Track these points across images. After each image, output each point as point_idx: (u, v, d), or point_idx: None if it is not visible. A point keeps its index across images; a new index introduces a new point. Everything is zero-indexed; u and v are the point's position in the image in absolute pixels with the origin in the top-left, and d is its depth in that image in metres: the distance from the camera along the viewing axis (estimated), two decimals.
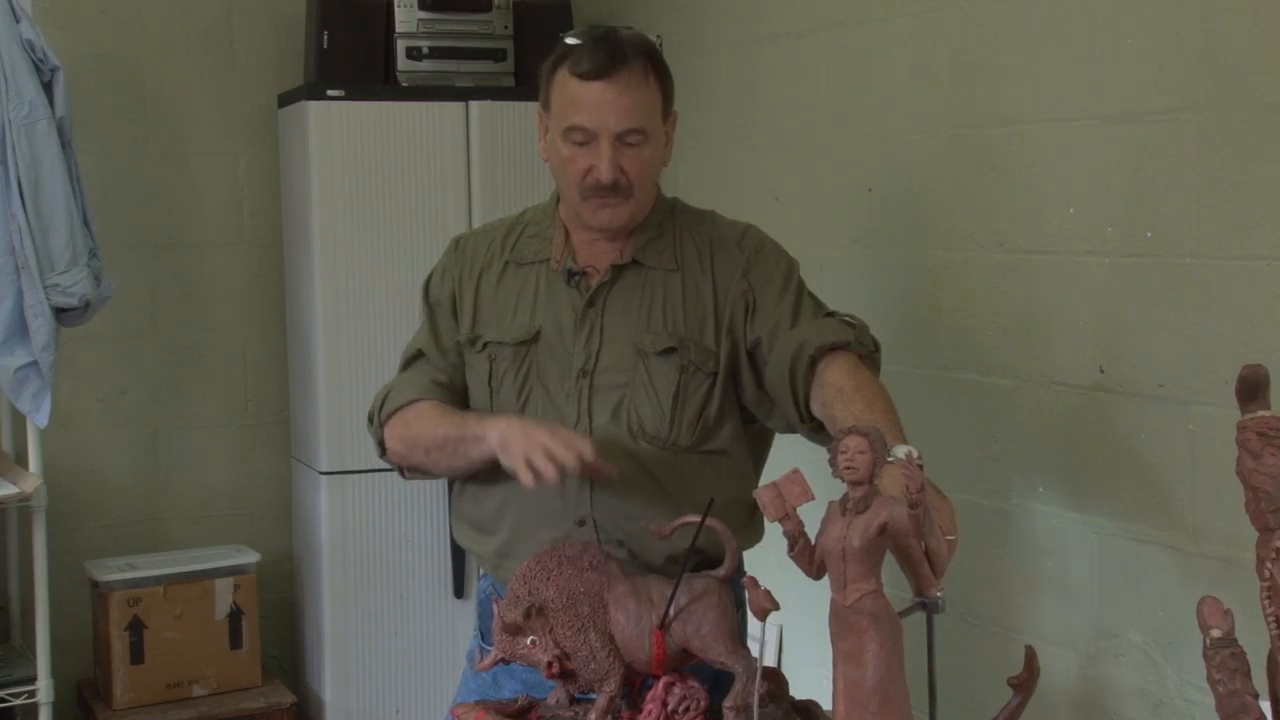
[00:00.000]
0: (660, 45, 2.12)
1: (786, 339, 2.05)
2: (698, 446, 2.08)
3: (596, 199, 2.06)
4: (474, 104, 3.75)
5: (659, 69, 2.09)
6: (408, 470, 2.21)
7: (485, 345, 2.15)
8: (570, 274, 2.12)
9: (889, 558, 1.68)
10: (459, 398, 2.18)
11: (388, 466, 2.25)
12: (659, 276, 2.12)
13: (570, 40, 2.08)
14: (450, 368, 2.19)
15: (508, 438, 1.94)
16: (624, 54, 2.04)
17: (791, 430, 2.11)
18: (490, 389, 2.13)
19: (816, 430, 2.02)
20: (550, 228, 2.18)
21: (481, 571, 2.26)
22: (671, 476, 2.06)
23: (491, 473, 2.06)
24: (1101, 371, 2.36)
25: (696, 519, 1.84)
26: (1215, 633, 1.45)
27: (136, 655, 3.58)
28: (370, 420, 2.22)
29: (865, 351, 2.05)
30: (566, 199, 2.13)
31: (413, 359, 2.24)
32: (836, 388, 1.96)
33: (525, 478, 1.88)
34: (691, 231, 2.17)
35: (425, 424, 2.12)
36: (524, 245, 2.19)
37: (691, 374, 2.08)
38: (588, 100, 2.03)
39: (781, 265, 2.15)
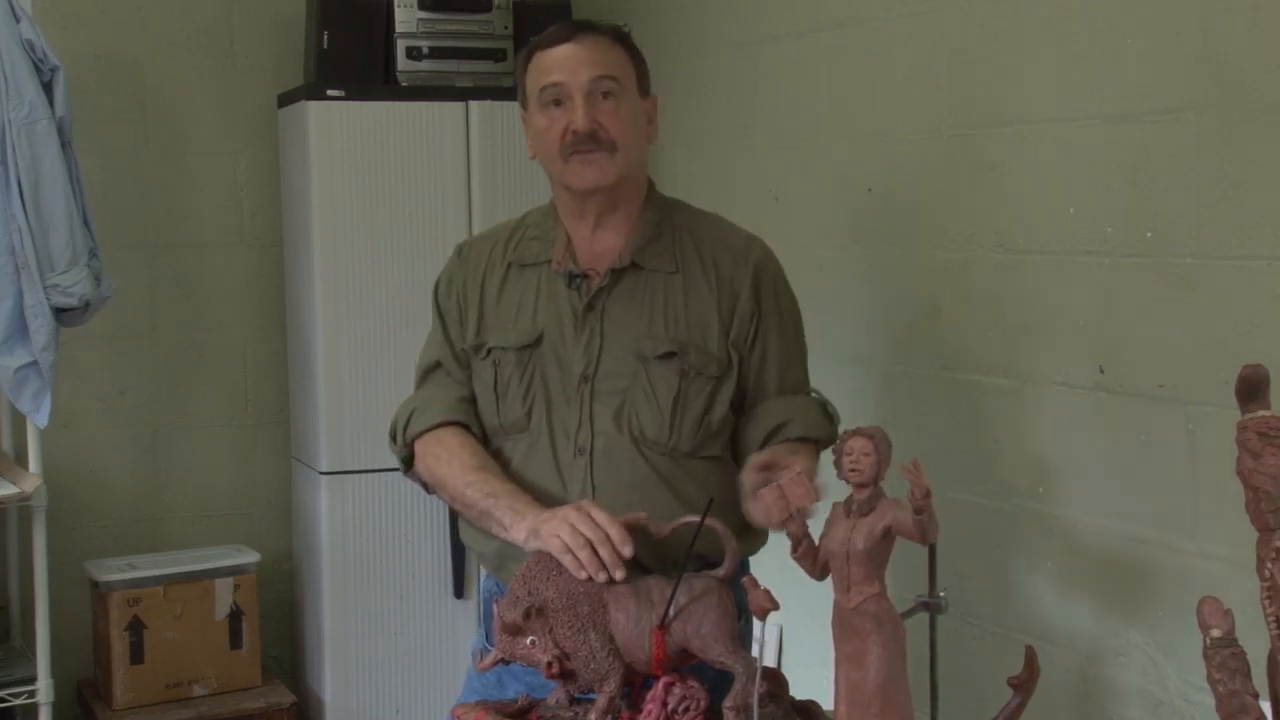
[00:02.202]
0: (628, 31, 2.18)
1: (774, 406, 2.14)
2: (698, 452, 2.09)
3: (578, 156, 2.07)
4: (474, 104, 3.75)
5: (628, 44, 2.15)
6: (430, 488, 2.21)
7: (490, 351, 2.14)
8: (571, 276, 2.12)
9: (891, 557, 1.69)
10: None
11: (388, 466, 2.25)
12: (659, 279, 2.12)
13: (536, 39, 2.15)
14: (468, 378, 2.19)
15: (541, 535, 1.92)
16: (589, 25, 2.13)
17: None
18: (496, 394, 2.13)
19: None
20: (552, 229, 2.17)
21: (484, 571, 2.26)
22: (673, 482, 2.06)
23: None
24: (1101, 371, 2.36)
25: (696, 519, 1.84)
26: (1215, 633, 1.46)
27: (136, 655, 3.58)
28: (393, 438, 2.21)
29: (824, 447, 2.13)
30: (554, 175, 2.14)
31: (431, 370, 2.22)
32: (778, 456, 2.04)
33: (575, 570, 1.86)
34: (691, 231, 2.17)
35: (456, 471, 2.09)
36: (525, 247, 2.19)
37: (692, 378, 2.08)
38: (556, 60, 2.09)
39: (785, 297, 2.19)
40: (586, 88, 2.06)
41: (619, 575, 1.85)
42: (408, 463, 2.20)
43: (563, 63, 2.08)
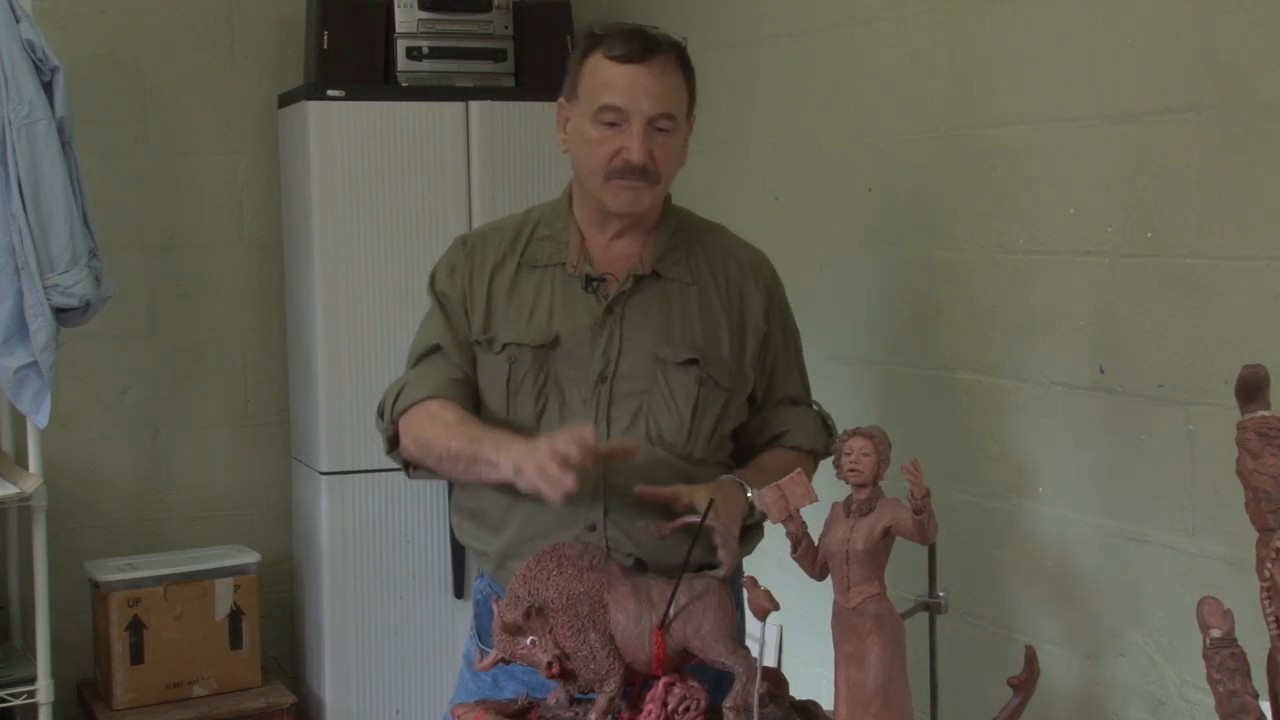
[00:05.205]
0: (685, 44, 2.16)
1: (779, 414, 2.22)
2: (712, 458, 2.11)
3: (621, 181, 2.06)
4: (474, 104, 3.75)
5: (687, 67, 2.12)
6: (414, 469, 2.18)
7: (504, 347, 2.12)
8: (589, 280, 2.11)
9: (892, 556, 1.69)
10: (476, 394, 2.16)
11: (388, 466, 2.24)
12: (677, 289, 2.14)
13: (601, 31, 2.11)
14: (467, 362, 2.16)
15: (521, 463, 1.90)
16: (658, 43, 2.08)
17: None
18: (508, 392, 2.11)
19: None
20: (564, 230, 2.16)
21: (479, 571, 2.25)
22: (684, 483, 2.05)
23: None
24: (1101, 371, 2.36)
25: (696, 519, 1.84)
26: (1215, 633, 1.46)
27: (136, 655, 3.58)
28: (380, 415, 2.18)
29: (820, 458, 2.20)
30: (588, 184, 2.11)
31: (427, 353, 2.19)
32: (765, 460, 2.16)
33: (550, 494, 1.84)
34: (702, 244, 2.19)
35: (440, 430, 2.07)
36: (536, 247, 2.17)
37: (710, 387, 2.10)
38: (622, 81, 2.04)
39: (789, 315, 2.26)
40: (646, 120, 2.04)
41: (568, 484, 1.83)
42: (393, 441, 2.17)
43: (628, 88, 2.03)
